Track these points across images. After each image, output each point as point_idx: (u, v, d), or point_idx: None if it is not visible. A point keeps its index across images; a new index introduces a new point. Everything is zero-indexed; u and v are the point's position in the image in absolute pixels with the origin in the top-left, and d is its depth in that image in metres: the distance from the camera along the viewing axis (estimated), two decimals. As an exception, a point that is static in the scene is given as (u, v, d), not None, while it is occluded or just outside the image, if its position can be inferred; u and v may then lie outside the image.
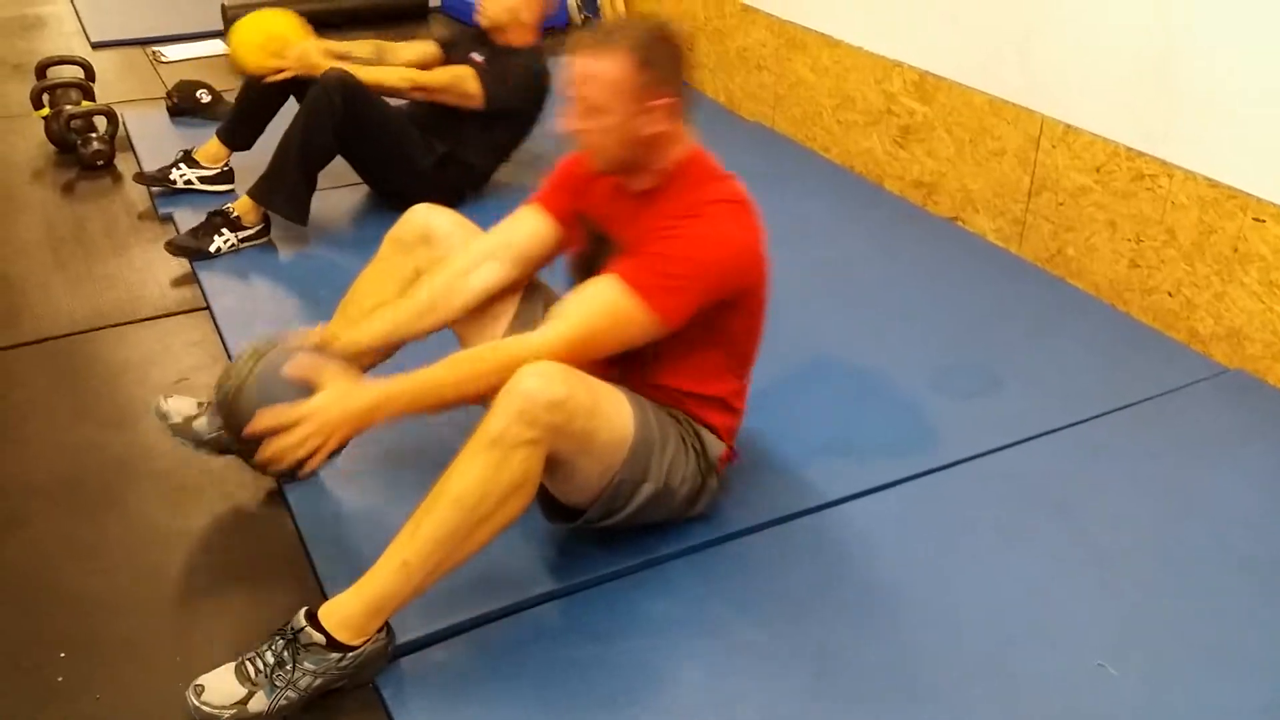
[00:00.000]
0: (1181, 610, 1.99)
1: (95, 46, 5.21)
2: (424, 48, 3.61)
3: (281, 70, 3.34)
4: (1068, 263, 3.16)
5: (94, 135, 3.91)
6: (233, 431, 1.94)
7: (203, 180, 3.60)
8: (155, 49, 5.15)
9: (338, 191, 3.59)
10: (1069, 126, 3.09)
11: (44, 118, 4.03)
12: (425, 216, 2.26)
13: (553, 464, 1.81)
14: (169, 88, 4.33)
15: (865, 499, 2.26)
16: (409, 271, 2.23)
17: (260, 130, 3.57)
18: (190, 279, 3.16)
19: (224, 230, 3.23)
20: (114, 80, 4.72)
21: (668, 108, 1.91)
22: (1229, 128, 2.70)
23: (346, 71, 3.21)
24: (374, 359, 2.17)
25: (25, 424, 2.54)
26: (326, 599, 1.81)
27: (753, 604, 1.99)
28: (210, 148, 3.60)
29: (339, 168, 3.34)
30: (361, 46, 3.50)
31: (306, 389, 1.81)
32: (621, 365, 1.99)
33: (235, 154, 3.60)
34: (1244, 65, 2.64)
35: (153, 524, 2.22)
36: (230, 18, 5.19)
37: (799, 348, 2.79)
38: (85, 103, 4.10)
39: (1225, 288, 2.75)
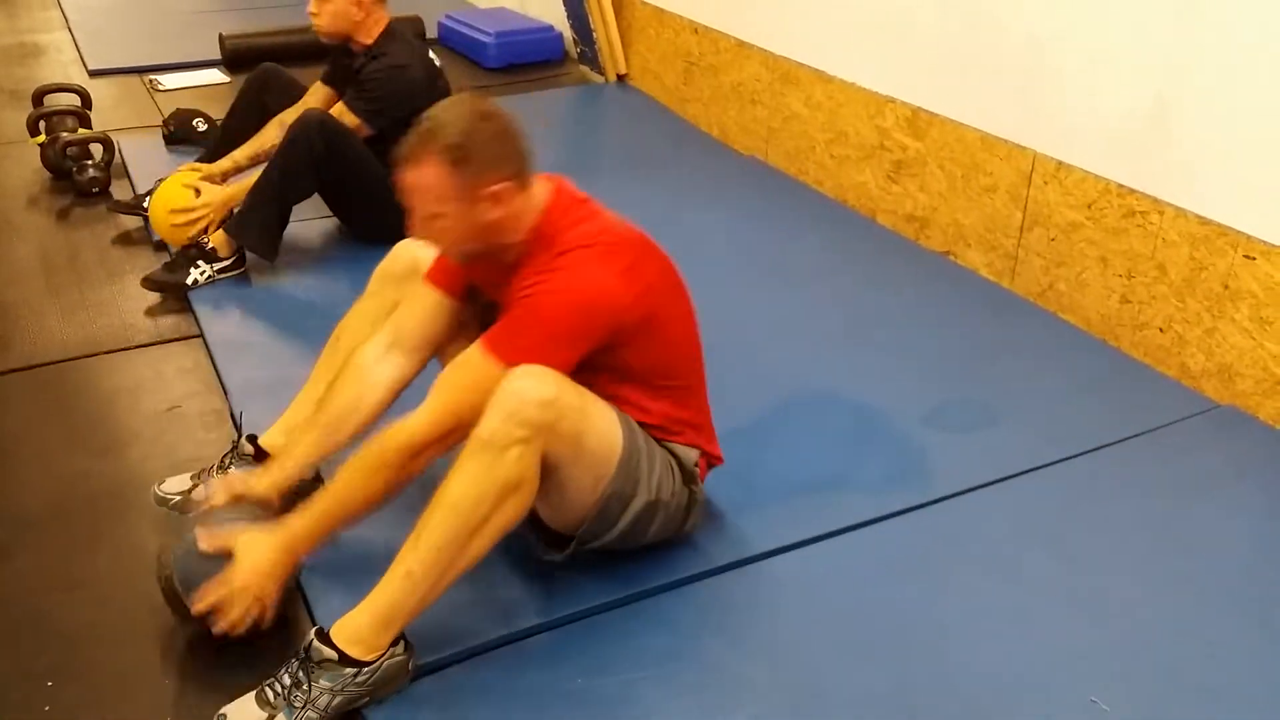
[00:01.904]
0: (1173, 646, 1.98)
1: (93, 74, 5.23)
2: (318, 93, 3.57)
3: (199, 221, 3.29)
4: (1059, 298, 3.17)
5: (90, 163, 3.92)
6: (182, 615, 1.95)
7: None
8: (152, 77, 5.17)
9: (329, 221, 3.59)
10: (1061, 163, 3.11)
11: (40, 145, 4.04)
12: (413, 251, 2.25)
13: (545, 474, 1.82)
14: (165, 116, 4.34)
15: (856, 533, 2.26)
16: (394, 306, 2.22)
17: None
18: (183, 307, 3.16)
19: (199, 262, 3.23)
20: (111, 108, 4.74)
21: (500, 192, 1.89)
22: (1220, 165, 2.72)
23: (325, 112, 3.24)
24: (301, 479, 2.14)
25: (15, 452, 2.54)
26: (315, 626, 1.81)
27: (743, 637, 1.98)
28: None
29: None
30: (243, 150, 3.45)
31: (225, 556, 1.86)
32: None
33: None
34: (1235, 104, 2.67)
35: (143, 554, 2.20)
36: (228, 48, 5.24)
37: (790, 381, 2.79)
38: (81, 130, 4.11)
39: (1216, 324, 2.76)
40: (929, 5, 3.48)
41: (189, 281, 3.20)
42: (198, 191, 3.33)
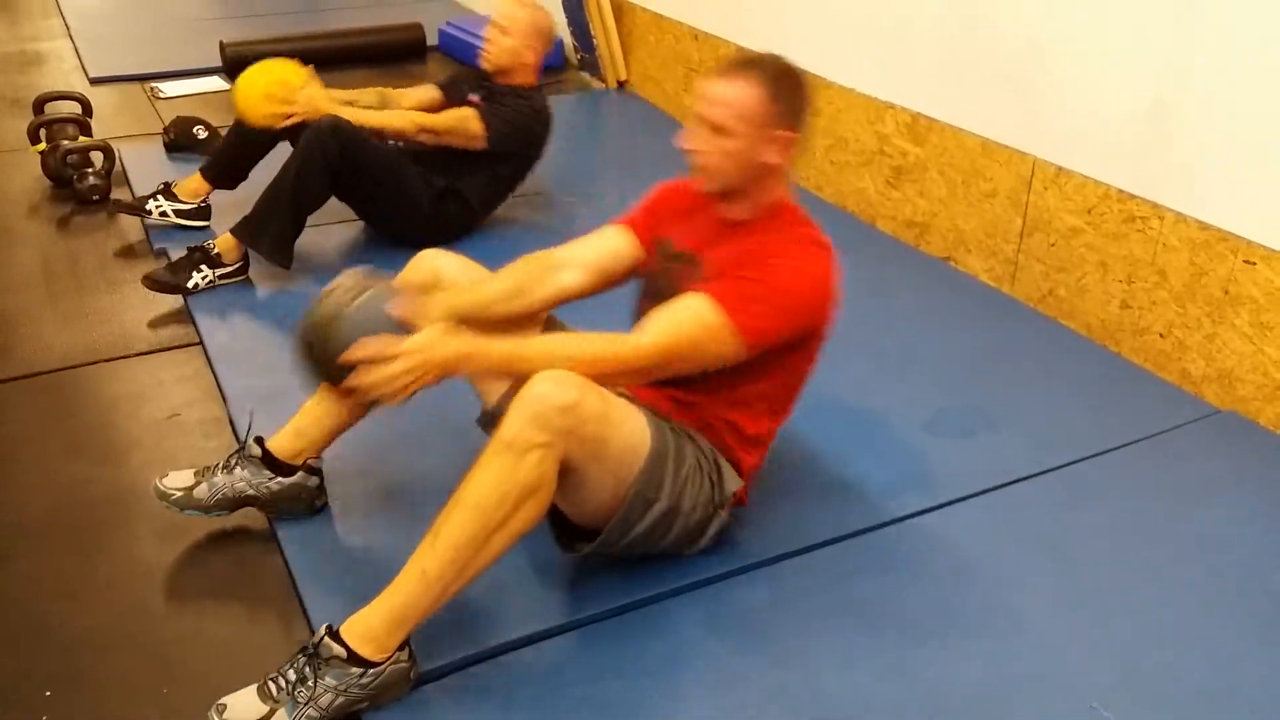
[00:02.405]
0: (1176, 651, 1.98)
1: (94, 82, 5.24)
2: (426, 92, 3.64)
3: (290, 116, 3.33)
4: (1059, 303, 3.17)
5: (90, 170, 3.92)
6: (315, 357, 1.95)
7: (178, 214, 3.59)
8: (153, 85, 5.18)
9: (330, 228, 3.59)
10: (1060, 168, 3.11)
11: (41, 153, 4.04)
12: (433, 261, 2.24)
13: (564, 472, 1.83)
14: (166, 124, 4.35)
15: (858, 539, 2.25)
16: None
17: (245, 173, 3.58)
18: (184, 314, 3.16)
19: (203, 266, 3.22)
20: (111, 116, 4.74)
21: (787, 141, 1.99)
22: (1220, 171, 2.72)
23: (340, 117, 3.23)
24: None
25: (15, 459, 2.53)
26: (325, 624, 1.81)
27: (747, 642, 1.98)
28: (191, 183, 3.60)
29: (330, 205, 3.34)
30: (366, 94, 3.53)
31: (403, 329, 1.87)
32: (668, 381, 2.03)
33: (216, 191, 3.60)
34: (1236, 108, 2.67)
35: (142, 561, 2.21)
36: (229, 55, 5.25)
37: (792, 387, 2.79)
38: (82, 138, 4.11)
39: (1216, 329, 2.76)
40: (928, 11, 3.49)
41: (190, 285, 3.20)
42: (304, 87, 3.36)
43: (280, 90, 3.35)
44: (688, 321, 1.92)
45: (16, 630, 2.03)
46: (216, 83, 5.21)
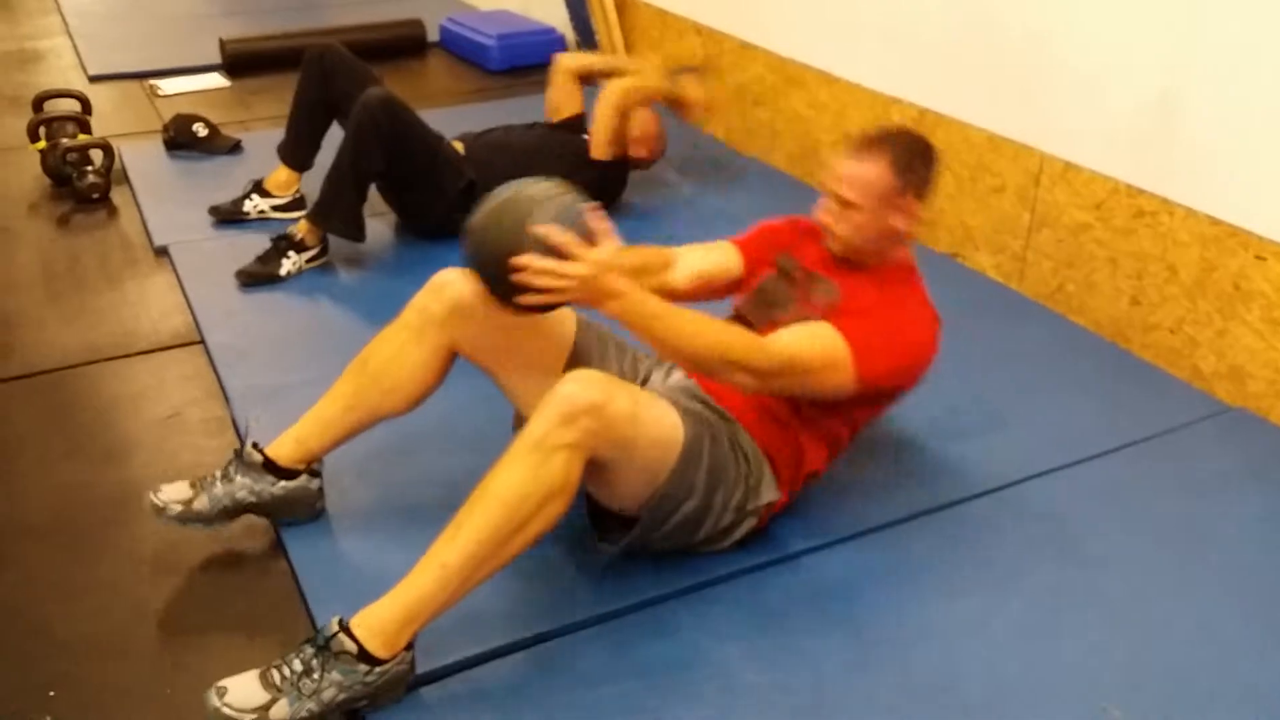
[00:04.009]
0: (1188, 651, 1.96)
1: (93, 80, 5.21)
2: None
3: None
4: (1068, 299, 3.15)
5: (90, 169, 3.90)
6: (506, 227, 1.89)
7: (276, 209, 3.64)
8: (152, 82, 5.15)
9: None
10: (1069, 163, 3.09)
11: (40, 151, 4.02)
12: (457, 289, 2.12)
13: (595, 468, 1.85)
14: (165, 121, 4.32)
15: (865, 538, 2.23)
16: (445, 345, 2.13)
17: (317, 148, 3.62)
18: (185, 313, 3.14)
19: (290, 253, 3.27)
20: (111, 113, 4.72)
21: (913, 211, 2.12)
22: (1230, 165, 2.70)
23: (386, 89, 3.30)
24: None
25: (15, 460, 2.52)
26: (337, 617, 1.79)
27: (751, 644, 1.96)
28: (280, 175, 3.64)
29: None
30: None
31: (591, 243, 1.88)
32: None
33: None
34: (1245, 103, 2.64)
35: (144, 561, 2.19)
36: (228, 52, 5.23)
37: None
38: (82, 136, 4.09)
39: (1227, 325, 2.74)
40: (934, 5, 3.46)
41: (282, 273, 3.25)
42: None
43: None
44: (817, 342, 2.00)
45: (18, 631, 2.01)
46: (216, 80, 5.19)
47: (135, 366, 2.90)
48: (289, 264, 3.27)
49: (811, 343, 2.00)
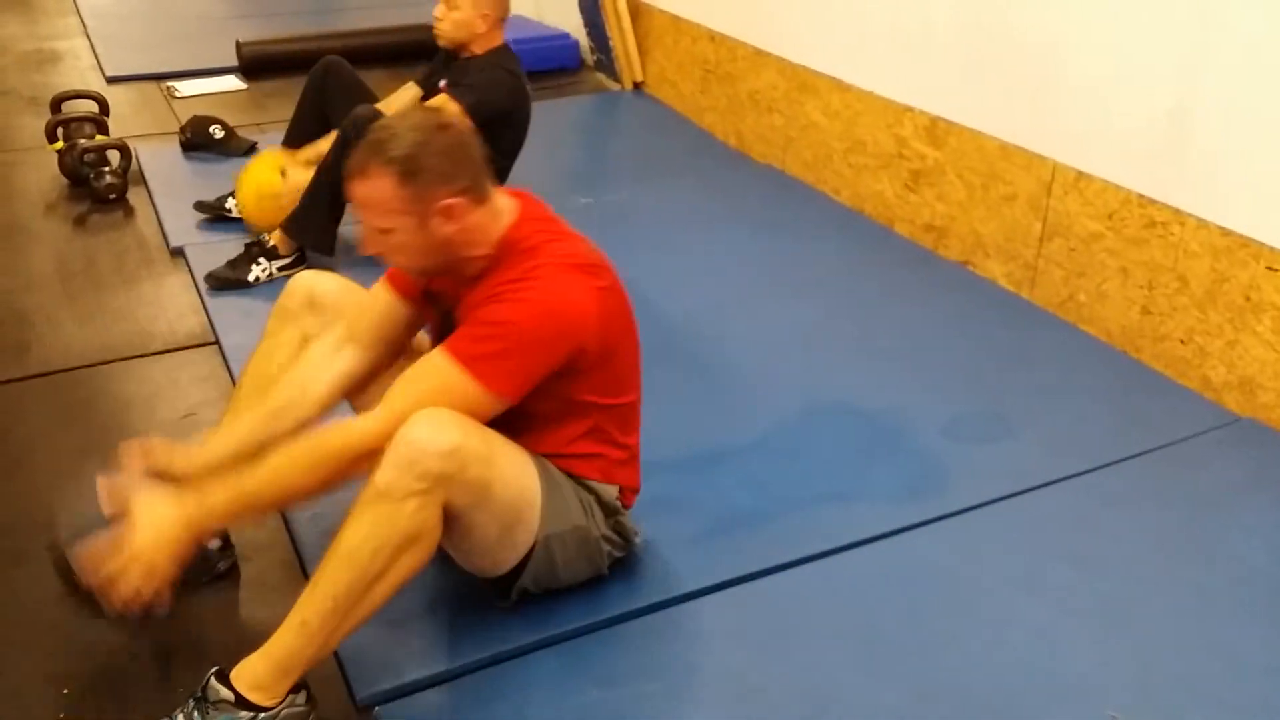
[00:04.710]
0: (1195, 661, 1.96)
1: (110, 81, 5.25)
2: (408, 92, 3.69)
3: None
4: (1079, 309, 3.15)
5: (107, 169, 3.93)
6: (73, 588, 1.93)
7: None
8: (169, 84, 5.19)
9: (349, 229, 3.59)
10: (1081, 173, 3.09)
11: (58, 151, 4.05)
12: (310, 282, 2.16)
13: (448, 519, 1.74)
14: (182, 123, 4.35)
15: (875, 545, 2.24)
16: (297, 341, 2.11)
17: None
18: (200, 313, 3.16)
19: (261, 260, 3.28)
20: (128, 115, 4.75)
21: (452, 207, 1.81)
22: (1242, 176, 2.70)
23: (376, 109, 3.28)
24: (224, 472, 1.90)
25: (30, 458, 2.53)
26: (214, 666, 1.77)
27: (760, 649, 1.97)
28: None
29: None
30: (327, 140, 3.46)
31: (120, 523, 1.74)
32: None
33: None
34: (1257, 114, 2.64)
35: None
36: (245, 54, 5.26)
37: (806, 391, 2.78)
38: (99, 137, 4.12)
39: (1238, 336, 2.74)
40: (947, 14, 3.47)
41: (250, 279, 3.25)
42: (284, 174, 3.42)
43: (268, 189, 3.47)
44: (424, 387, 1.77)
45: (33, 629, 2.03)
46: (233, 82, 5.22)
47: (150, 366, 2.92)
48: (258, 270, 3.26)
49: (417, 393, 1.76)
